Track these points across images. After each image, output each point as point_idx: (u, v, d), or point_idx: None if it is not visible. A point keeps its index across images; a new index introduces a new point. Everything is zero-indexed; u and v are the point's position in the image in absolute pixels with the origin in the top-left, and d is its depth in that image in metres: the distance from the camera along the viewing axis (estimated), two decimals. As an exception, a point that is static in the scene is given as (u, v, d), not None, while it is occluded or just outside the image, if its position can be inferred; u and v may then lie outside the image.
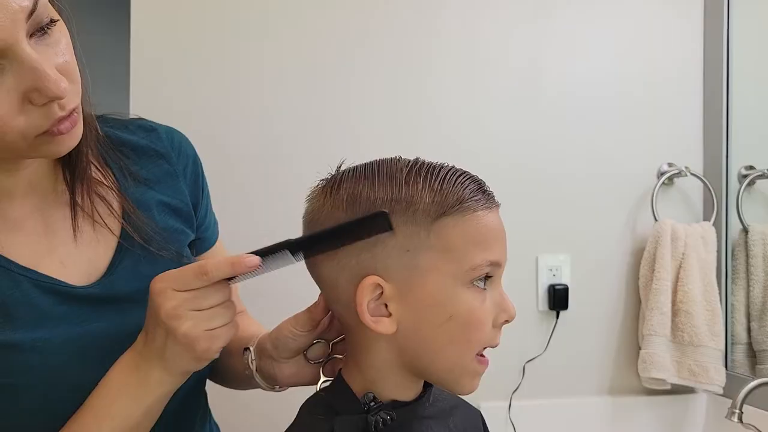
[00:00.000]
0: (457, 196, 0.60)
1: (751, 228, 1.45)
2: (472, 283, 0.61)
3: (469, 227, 0.60)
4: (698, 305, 1.40)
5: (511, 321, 0.64)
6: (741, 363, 1.45)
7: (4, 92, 0.55)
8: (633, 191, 1.49)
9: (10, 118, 0.56)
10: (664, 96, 1.51)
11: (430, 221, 0.59)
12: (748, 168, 1.48)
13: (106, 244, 0.70)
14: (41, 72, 0.55)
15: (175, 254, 0.74)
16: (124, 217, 0.71)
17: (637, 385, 1.47)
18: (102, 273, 0.69)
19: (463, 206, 0.60)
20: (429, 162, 0.63)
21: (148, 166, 0.76)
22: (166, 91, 1.24)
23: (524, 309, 1.43)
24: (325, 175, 0.66)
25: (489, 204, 0.62)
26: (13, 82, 0.55)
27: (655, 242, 1.43)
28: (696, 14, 1.52)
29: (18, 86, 0.55)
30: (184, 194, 0.79)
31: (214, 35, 1.26)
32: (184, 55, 1.25)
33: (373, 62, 1.34)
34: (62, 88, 0.56)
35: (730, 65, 1.48)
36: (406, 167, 0.62)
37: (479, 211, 0.61)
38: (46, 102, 0.57)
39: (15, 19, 0.53)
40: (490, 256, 0.61)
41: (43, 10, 0.56)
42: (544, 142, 1.44)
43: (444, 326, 0.60)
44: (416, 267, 0.59)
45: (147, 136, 0.78)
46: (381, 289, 0.60)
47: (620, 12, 1.49)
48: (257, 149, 1.29)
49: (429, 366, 0.63)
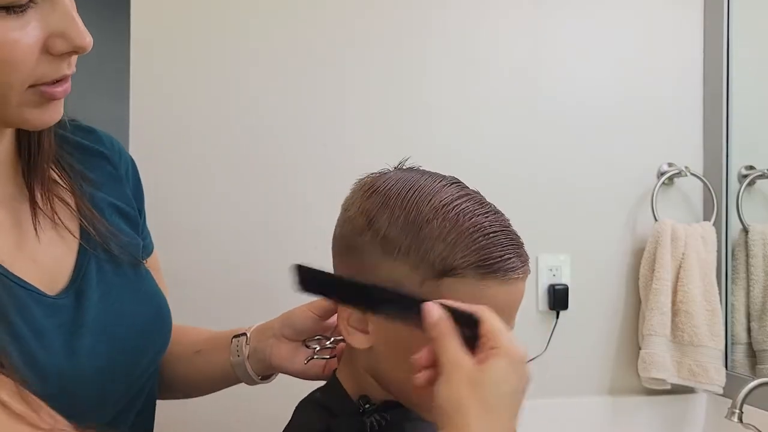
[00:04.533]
0: (468, 260, 0.56)
1: (751, 228, 1.45)
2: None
3: (467, 296, 0.56)
4: (698, 305, 1.40)
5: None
6: (741, 363, 1.45)
7: (29, 27, 0.53)
8: (633, 191, 1.49)
9: (27, 51, 0.53)
10: (664, 96, 1.51)
11: (432, 274, 0.57)
12: (748, 168, 1.48)
13: (67, 245, 0.66)
14: (73, 19, 0.55)
15: (133, 259, 0.70)
16: (82, 218, 0.67)
17: (637, 385, 1.47)
18: (69, 276, 0.65)
19: (470, 273, 0.56)
20: (466, 205, 0.58)
21: (93, 168, 0.72)
22: (166, 92, 1.24)
23: (524, 309, 1.40)
24: (371, 172, 0.65)
25: (506, 276, 0.57)
26: (41, 22, 0.54)
27: (655, 242, 1.43)
28: (696, 14, 1.52)
29: (45, 27, 0.54)
30: (130, 198, 0.76)
31: (213, 36, 1.26)
32: (184, 56, 1.25)
33: (369, 64, 1.34)
34: (87, 42, 0.56)
35: (730, 65, 1.48)
36: (438, 205, 0.58)
37: (488, 280, 0.57)
38: (65, 52, 0.56)
39: None
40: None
41: None
42: (544, 141, 1.43)
43: (412, 369, 0.57)
44: None
45: (87, 136, 0.74)
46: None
47: (620, 12, 1.49)
48: (256, 150, 1.28)
49: (396, 393, 0.63)
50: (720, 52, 1.49)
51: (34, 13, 0.53)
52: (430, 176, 0.62)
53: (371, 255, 0.58)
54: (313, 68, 1.31)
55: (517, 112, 1.42)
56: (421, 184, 0.60)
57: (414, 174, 0.62)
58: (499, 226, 0.59)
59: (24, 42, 0.53)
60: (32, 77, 0.55)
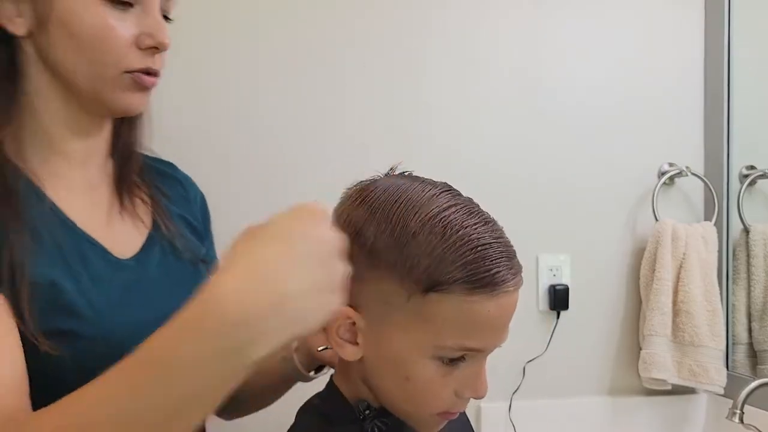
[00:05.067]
0: (454, 276, 0.55)
1: (752, 228, 1.45)
2: (439, 357, 0.58)
3: (455, 309, 0.56)
4: (699, 305, 1.40)
5: (479, 399, 0.62)
6: (742, 363, 1.45)
7: (127, 22, 0.69)
8: (633, 191, 1.49)
9: (121, 38, 0.69)
10: (665, 96, 1.51)
11: (418, 290, 0.56)
12: (749, 168, 1.48)
13: (139, 232, 0.79)
14: (160, 23, 0.72)
15: (193, 257, 0.81)
16: (156, 214, 0.81)
17: (638, 385, 1.47)
18: (136, 251, 0.76)
19: (457, 288, 0.55)
20: (454, 216, 0.57)
21: (168, 187, 0.86)
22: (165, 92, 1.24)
23: (524, 309, 1.42)
24: (361, 180, 0.64)
25: (495, 290, 0.56)
26: (136, 22, 0.70)
27: (655, 242, 1.43)
28: (696, 14, 1.52)
29: (138, 26, 0.70)
30: (197, 216, 0.89)
31: (213, 36, 1.26)
32: (184, 56, 1.25)
33: (369, 64, 1.34)
34: (167, 42, 0.72)
35: (731, 65, 1.48)
36: (424, 218, 0.57)
37: (476, 295, 0.56)
38: (150, 47, 0.71)
39: None
40: (469, 343, 0.57)
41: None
42: (544, 141, 1.43)
43: (401, 383, 0.59)
44: (388, 319, 0.58)
45: (166, 166, 0.89)
46: (353, 320, 0.60)
47: (620, 12, 1.48)
48: (256, 150, 1.28)
49: (389, 406, 0.62)
50: (720, 52, 1.49)
51: (132, 14, 0.70)
52: (420, 184, 0.61)
53: (358, 267, 0.57)
54: (312, 68, 1.31)
55: (517, 112, 1.42)
56: (408, 195, 0.59)
57: (403, 182, 0.61)
58: (489, 237, 0.57)
59: (120, 31, 0.69)
60: (124, 63, 0.70)
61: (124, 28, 0.69)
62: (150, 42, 0.71)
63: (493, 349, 0.60)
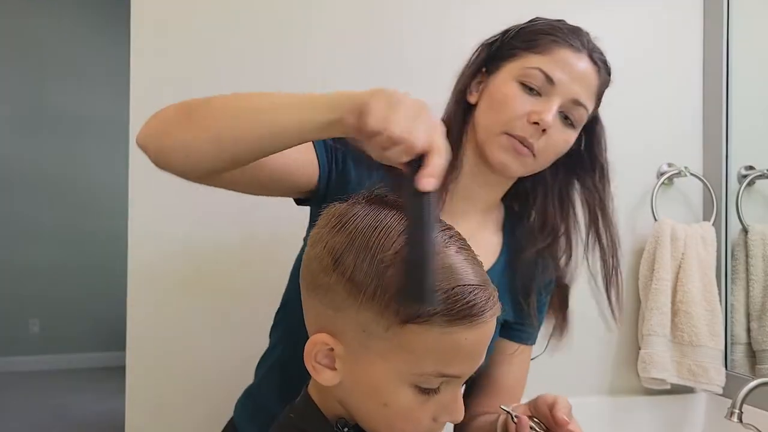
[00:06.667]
0: (434, 309, 0.55)
1: (751, 228, 1.45)
2: (417, 384, 0.58)
3: (434, 340, 0.56)
4: (698, 305, 1.40)
5: (455, 423, 0.62)
6: (741, 363, 1.45)
7: (527, 102, 0.87)
8: (633, 191, 1.49)
9: (517, 103, 0.86)
10: (664, 96, 1.51)
11: (397, 321, 0.56)
12: (747, 168, 1.48)
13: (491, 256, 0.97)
14: (552, 110, 0.86)
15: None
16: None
17: (637, 385, 1.47)
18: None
19: (436, 320, 0.56)
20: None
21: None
22: (166, 92, 1.24)
23: (524, 309, 1.42)
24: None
25: (474, 320, 0.57)
26: (534, 103, 0.86)
27: (654, 242, 1.43)
28: (696, 14, 1.53)
29: (534, 110, 0.86)
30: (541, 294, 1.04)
31: (213, 36, 1.26)
32: (184, 56, 1.25)
33: (369, 63, 1.34)
34: (548, 122, 0.85)
35: (730, 65, 1.49)
36: (402, 246, 0.57)
37: (455, 326, 0.56)
38: (532, 122, 0.85)
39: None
40: (447, 370, 0.58)
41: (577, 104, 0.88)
42: (543, 142, 1.43)
43: (380, 409, 0.59)
44: (367, 347, 0.58)
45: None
46: (331, 347, 0.59)
47: (620, 13, 1.49)
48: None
49: (367, 428, 0.62)
50: (720, 52, 1.49)
51: (554, 93, 0.87)
52: (398, 212, 0.60)
53: (338, 295, 0.58)
54: (313, 71, 1.31)
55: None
56: (387, 223, 0.59)
57: (382, 208, 0.61)
58: (465, 267, 0.58)
59: (518, 102, 0.87)
60: (513, 122, 0.86)
61: (521, 98, 0.88)
62: (532, 118, 0.86)
63: (471, 374, 0.61)
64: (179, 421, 1.21)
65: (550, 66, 0.87)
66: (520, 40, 0.92)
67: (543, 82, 0.86)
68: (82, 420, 3.61)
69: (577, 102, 0.88)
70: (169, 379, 1.22)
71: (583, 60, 0.89)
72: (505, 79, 0.89)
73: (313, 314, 0.62)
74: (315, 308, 0.61)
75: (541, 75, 0.86)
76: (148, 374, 1.22)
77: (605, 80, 0.93)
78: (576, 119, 0.89)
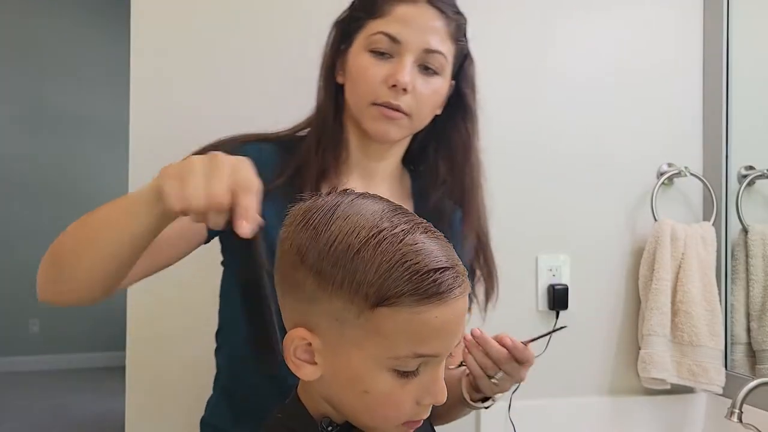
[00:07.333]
0: (401, 289, 0.56)
1: (751, 228, 1.45)
2: (395, 368, 0.59)
3: (405, 321, 0.57)
4: (698, 305, 1.40)
5: (438, 404, 0.62)
6: (740, 363, 1.45)
7: (382, 67, 0.89)
8: (633, 191, 1.49)
9: (372, 72, 0.88)
10: (664, 96, 1.51)
11: (367, 306, 0.57)
12: (747, 168, 1.48)
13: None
14: (405, 68, 0.87)
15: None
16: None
17: (637, 385, 1.47)
18: None
19: (405, 301, 0.56)
20: (394, 233, 0.58)
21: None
22: (166, 92, 1.24)
23: (524, 309, 1.43)
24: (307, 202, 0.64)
25: (442, 298, 0.57)
26: (388, 67, 0.88)
27: (654, 242, 1.43)
28: (696, 14, 1.53)
29: (389, 73, 0.88)
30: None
31: (213, 36, 1.26)
32: (184, 56, 1.25)
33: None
34: (404, 82, 0.86)
35: (730, 65, 1.49)
36: (367, 235, 0.57)
37: (424, 305, 0.57)
38: (390, 85, 0.87)
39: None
40: (422, 350, 0.58)
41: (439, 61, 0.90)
42: (543, 142, 1.44)
43: (361, 397, 0.60)
44: (342, 337, 0.59)
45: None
46: (309, 341, 0.60)
47: (620, 12, 1.49)
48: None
49: (353, 420, 0.63)
50: (720, 52, 1.49)
51: (403, 51, 0.88)
52: (360, 199, 0.61)
53: (308, 289, 0.58)
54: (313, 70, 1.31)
55: (517, 113, 1.42)
56: (348, 213, 0.59)
57: (344, 199, 0.61)
58: (431, 247, 0.58)
59: (373, 71, 0.89)
60: (377, 89, 0.88)
61: (379, 68, 0.89)
62: (391, 81, 0.87)
63: (447, 353, 0.61)
64: (179, 421, 1.21)
65: (391, 26, 0.88)
66: (363, 10, 0.93)
67: (389, 44, 0.88)
68: (82, 420, 3.61)
69: (429, 50, 0.89)
70: (169, 379, 1.22)
71: (421, 8, 0.89)
72: (357, 52, 0.91)
73: (288, 312, 0.63)
74: (290, 305, 0.62)
75: (385, 38, 0.88)
76: (148, 374, 1.22)
77: (455, 19, 0.92)
78: (437, 66, 0.90)
